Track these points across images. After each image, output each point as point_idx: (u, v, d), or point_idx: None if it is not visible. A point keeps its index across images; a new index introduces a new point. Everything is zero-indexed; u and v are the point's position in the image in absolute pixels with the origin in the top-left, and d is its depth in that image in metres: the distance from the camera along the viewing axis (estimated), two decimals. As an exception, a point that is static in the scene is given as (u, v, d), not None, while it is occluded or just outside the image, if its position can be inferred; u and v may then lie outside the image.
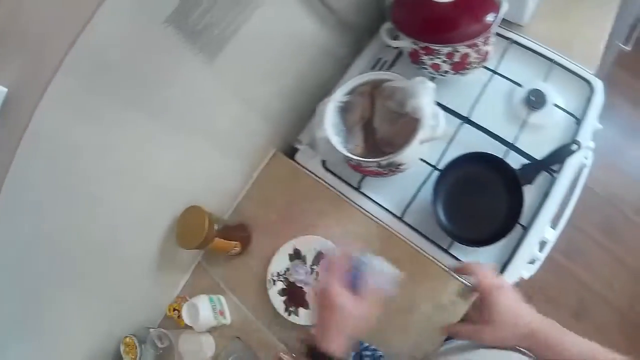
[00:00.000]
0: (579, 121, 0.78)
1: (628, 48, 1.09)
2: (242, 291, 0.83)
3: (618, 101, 1.43)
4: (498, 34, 0.85)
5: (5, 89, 0.48)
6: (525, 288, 1.44)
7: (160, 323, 0.87)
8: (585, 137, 0.78)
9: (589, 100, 0.80)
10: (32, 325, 0.69)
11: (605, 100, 0.80)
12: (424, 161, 0.77)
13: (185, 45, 0.60)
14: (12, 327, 0.66)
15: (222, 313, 0.79)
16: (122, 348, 0.83)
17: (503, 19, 0.84)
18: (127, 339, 0.82)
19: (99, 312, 0.79)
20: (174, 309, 0.84)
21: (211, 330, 0.82)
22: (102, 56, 0.52)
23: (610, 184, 1.39)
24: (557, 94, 0.80)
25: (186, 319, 0.77)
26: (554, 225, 0.78)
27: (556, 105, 0.79)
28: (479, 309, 0.56)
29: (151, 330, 0.79)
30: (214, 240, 0.72)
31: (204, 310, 0.75)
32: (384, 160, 0.68)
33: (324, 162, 0.83)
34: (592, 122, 0.79)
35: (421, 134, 0.69)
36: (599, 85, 0.80)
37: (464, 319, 0.68)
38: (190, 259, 0.89)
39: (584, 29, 0.86)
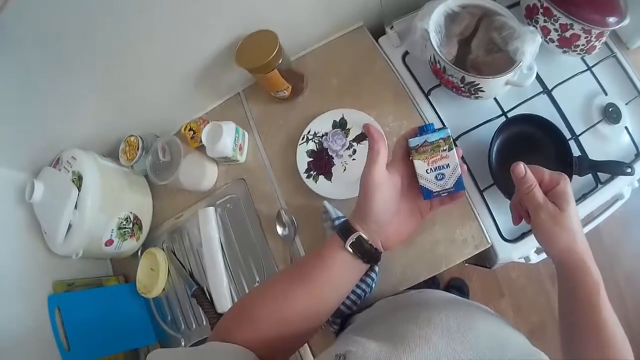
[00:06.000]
0: (638, 154, 0.78)
1: None
2: (269, 136, 0.79)
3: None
4: (606, 43, 0.85)
5: None
6: (504, 285, 1.50)
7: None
8: (638, 170, 0.77)
9: (657, 143, 0.79)
10: (47, 90, 0.65)
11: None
12: (497, 103, 0.76)
13: None
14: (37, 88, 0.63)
15: (241, 148, 0.75)
16: (122, 146, 0.78)
17: (616, 33, 0.87)
18: (132, 138, 0.78)
19: (117, 102, 0.75)
20: (190, 129, 0.79)
21: (220, 162, 0.78)
22: None
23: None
24: (632, 121, 0.80)
25: (204, 137, 0.73)
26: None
27: (626, 129, 0.80)
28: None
29: (160, 138, 0.75)
30: (273, 70, 0.68)
31: (228, 135, 0.72)
32: (471, 76, 0.67)
33: (404, 56, 0.81)
34: (650, 162, 0.78)
35: (512, 74, 0.69)
36: (672, 135, 0.79)
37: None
38: (232, 86, 0.84)
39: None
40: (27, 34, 0.54)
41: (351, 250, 0.42)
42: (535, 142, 0.74)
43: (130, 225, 0.77)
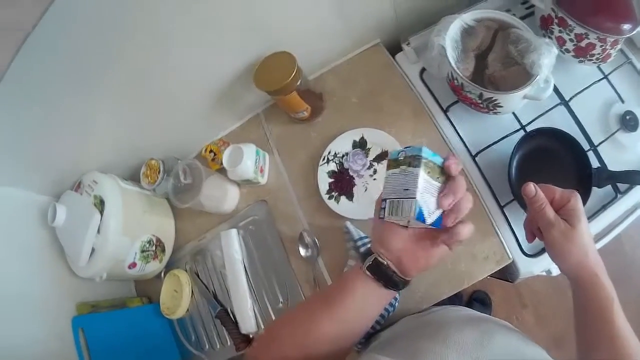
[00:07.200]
0: (656, 163, 0.77)
1: None
2: (290, 157, 0.79)
3: None
4: (621, 49, 0.85)
5: None
6: (526, 296, 1.50)
7: (189, 161, 0.83)
8: (658, 180, 0.78)
9: (676, 149, 0.78)
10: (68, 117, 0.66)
11: None
12: (516, 117, 0.76)
13: None
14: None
15: (262, 170, 0.75)
16: (143, 169, 0.79)
17: (630, 39, 0.86)
18: (153, 162, 0.78)
19: (137, 125, 0.75)
20: (211, 150, 0.80)
21: (241, 185, 0.78)
22: None
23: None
24: (650, 128, 0.80)
25: (225, 160, 0.73)
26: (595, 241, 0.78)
27: (644, 137, 0.79)
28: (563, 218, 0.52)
29: (181, 161, 0.75)
30: (292, 92, 0.69)
31: (248, 158, 0.72)
32: (489, 92, 0.67)
33: (421, 72, 0.81)
34: (669, 170, 0.78)
35: (529, 89, 0.69)
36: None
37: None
38: (251, 107, 0.84)
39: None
40: (49, 56, 0.54)
41: (368, 273, 0.43)
42: (554, 156, 0.73)
43: (153, 248, 0.77)
